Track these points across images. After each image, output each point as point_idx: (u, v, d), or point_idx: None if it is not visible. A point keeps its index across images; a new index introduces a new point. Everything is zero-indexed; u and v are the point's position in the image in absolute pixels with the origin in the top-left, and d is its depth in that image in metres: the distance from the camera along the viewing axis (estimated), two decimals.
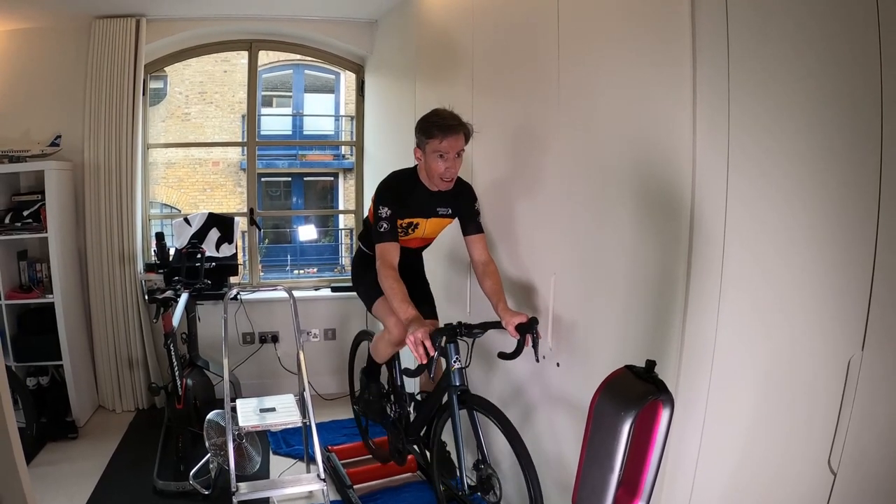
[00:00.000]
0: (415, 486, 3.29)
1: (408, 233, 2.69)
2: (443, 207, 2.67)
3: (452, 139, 2.44)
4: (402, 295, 2.43)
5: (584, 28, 2.32)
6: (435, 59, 3.54)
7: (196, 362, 3.96)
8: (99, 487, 3.25)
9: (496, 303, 2.51)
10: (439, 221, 2.72)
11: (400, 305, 2.41)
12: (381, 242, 2.52)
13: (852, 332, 1.98)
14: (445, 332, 2.43)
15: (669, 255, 1.96)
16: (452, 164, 2.49)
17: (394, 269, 2.48)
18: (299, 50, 4.90)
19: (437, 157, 2.47)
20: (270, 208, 11.22)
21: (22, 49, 4.09)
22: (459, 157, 2.50)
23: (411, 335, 2.27)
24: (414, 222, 2.67)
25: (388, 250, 2.51)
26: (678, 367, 1.94)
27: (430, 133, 2.46)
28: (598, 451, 1.51)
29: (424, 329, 2.28)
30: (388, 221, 2.51)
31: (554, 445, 2.58)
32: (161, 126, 9.59)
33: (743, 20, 1.83)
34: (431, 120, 2.48)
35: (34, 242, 4.02)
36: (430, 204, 2.65)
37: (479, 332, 2.50)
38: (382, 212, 2.52)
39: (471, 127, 2.49)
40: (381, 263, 2.49)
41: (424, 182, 2.61)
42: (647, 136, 2.04)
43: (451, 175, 2.51)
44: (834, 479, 2.01)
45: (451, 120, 2.46)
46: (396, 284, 2.44)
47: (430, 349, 2.26)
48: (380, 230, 2.51)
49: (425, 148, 2.50)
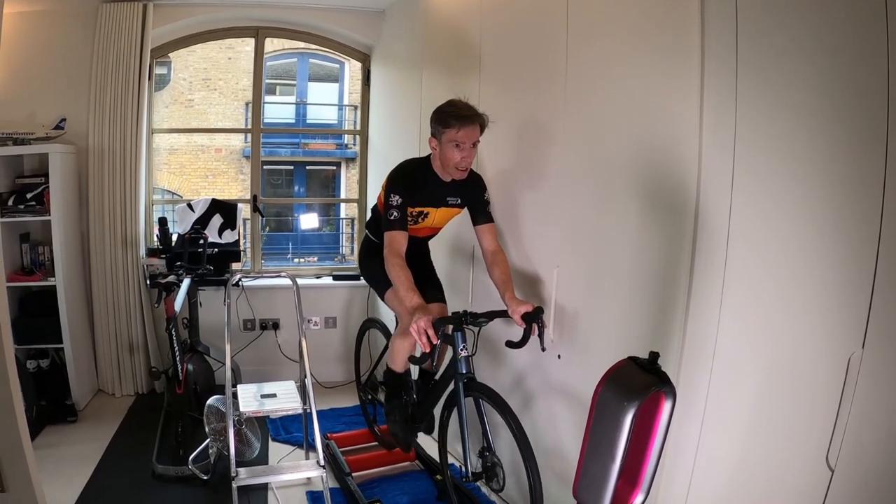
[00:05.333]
0: (413, 475, 3.30)
1: (417, 221, 2.70)
2: (452, 197, 2.68)
3: (469, 129, 2.46)
4: (408, 283, 2.44)
5: (592, 22, 2.31)
6: (442, 50, 3.53)
7: (197, 348, 3.97)
8: (97, 471, 3.25)
9: (503, 292, 2.52)
10: (448, 211, 2.74)
11: (406, 293, 2.42)
12: (390, 230, 2.52)
13: (853, 329, 1.99)
14: (451, 320, 2.45)
15: (673, 249, 1.96)
16: (468, 154, 2.50)
17: (401, 258, 2.49)
18: (306, 38, 4.88)
19: (452, 147, 2.48)
20: (272, 196, 11.21)
21: (28, 32, 4.07)
22: (474, 147, 2.52)
23: (415, 323, 2.29)
24: (424, 211, 2.68)
25: (397, 238, 2.52)
26: (679, 360, 1.94)
27: (447, 122, 2.47)
28: (599, 441, 1.52)
29: (428, 317, 2.30)
30: (399, 210, 2.52)
31: (553, 436, 2.59)
32: (164, 112, 9.56)
33: (752, 16, 1.83)
34: (448, 110, 2.49)
35: (37, 225, 4.01)
36: (441, 193, 2.66)
37: (485, 320, 2.52)
38: (393, 199, 2.53)
39: (486, 118, 2.51)
40: (388, 251, 2.50)
41: (437, 171, 2.62)
42: (653, 130, 2.04)
43: (466, 164, 2.53)
44: (832, 475, 2.03)
45: (468, 110, 2.47)
46: (403, 272, 2.46)
47: (432, 337, 2.28)
48: (389, 218, 2.52)
49: (441, 137, 2.51)
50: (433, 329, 2.29)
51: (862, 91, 1.94)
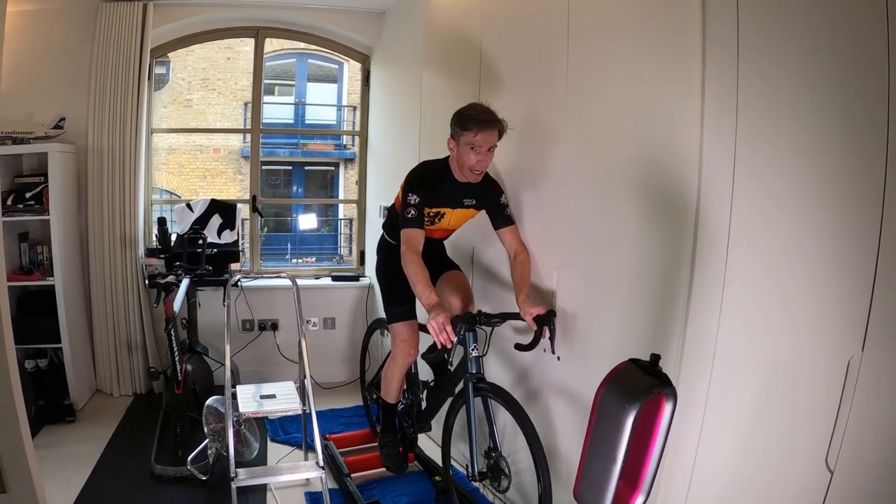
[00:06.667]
0: (412, 477, 3.29)
1: (434, 222, 2.73)
2: (468, 199, 2.71)
3: (487, 134, 2.49)
4: (425, 280, 2.47)
5: (593, 22, 2.32)
6: (442, 51, 3.53)
7: (195, 348, 3.97)
8: (96, 471, 3.25)
9: (517, 293, 2.55)
10: (464, 212, 2.76)
11: (423, 290, 2.44)
12: (407, 228, 2.55)
13: (853, 332, 2.00)
14: (465, 320, 2.49)
15: (673, 250, 1.97)
16: (484, 158, 2.54)
17: (418, 254, 2.52)
18: (306, 38, 4.88)
19: (469, 150, 2.52)
20: (270, 197, 11.21)
21: (27, 31, 4.06)
22: (491, 151, 2.56)
23: (433, 320, 2.31)
24: (441, 212, 2.71)
25: (414, 236, 2.54)
26: (679, 362, 1.95)
27: (465, 126, 2.50)
28: (600, 442, 1.52)
29: (446, 315, 2.32)
30: (416, 208, 2.55)
31: (552, 437, 2.59)
32: (163, 112, 9.55)
33: (753, 16, 1.83)
34: (468, 114, 2.53)
35: (35, 224, 4.00)
36: (458, 194, 2.69)
37: (499, 321, 2.55)
38: (411, 198, 2.56)
39: (505, 123, 2.54)
40: (405, 248, 2.53)
41: (454, 173, 2.65)
42: (654, 132, 2.04)
43: (481, 168, 2.57)
44: (831, 478, 2.03)
45: (487, 115, 2.51)
46: (420, 269, 2.48)
47: (450, 334, 2.30)
48: (407, 216, 2.55)
49: (459, 140, 2.55)
50: (451, 326, 2.32)
51: (863, 92, 1.94)
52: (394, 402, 3.09)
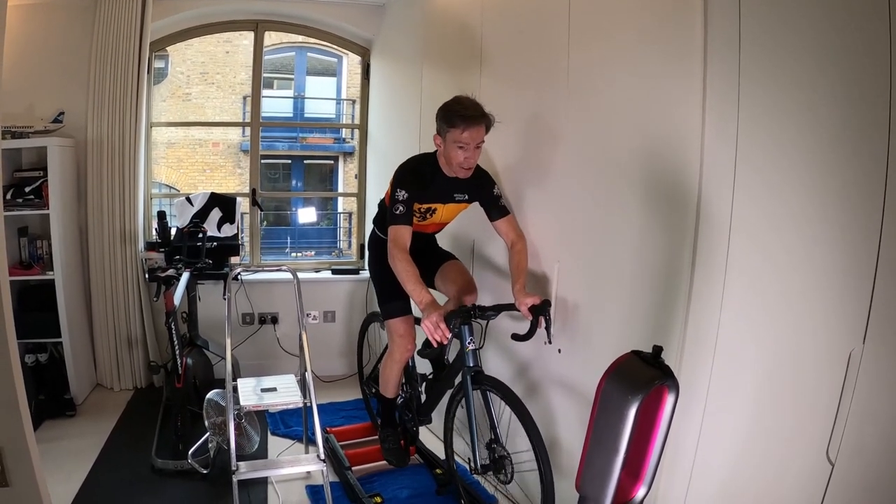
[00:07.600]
0: (413, 469, 3.30)
1: (425, 217, 2.70)
2: (459, 193, 2.68)
3: (474, 130, 2.43)
4: (415, 277, 2.43)
5: (594, 17, 2.31)
6: (443, 45, 3.52)
7: (196, 342, 3.97)
8: (96, 465, 3.25)
9: (513, 283, 2.53)
10: (456, 207, 2.74)
11: (414, 288, 2.41)
12: (395, 224, 2.51)
13: (854, 325, 1.99)
14: (459, 314, 2.46)
15: (675, 244, 1.97)
16: (472, 155, 2.48)
17: (405, 252, 2.48)
18: (306, 31, 4.87)
19: (456, 147, 2.47)
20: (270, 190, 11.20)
21: (26, 24, 4.05)
22: (479, 147, 2.50)
23: (427, 319, 2.30)
24: (432, 207, 2.68)
25: (401, 233, 2.50)
26: (680, 355, 1.95)
27: (452, 122, 2.44)
28: (603, 434, 1.53)
29: (440, 312, 2.31)
30: (405, 205, 2.51)
31: (553, 429, 2.60)
32: (162, 106, 9.55)
33: (755, 13, 1.83)
34: (454, 109, 2.46)
35: (35, 219, 3.99)
36: (448, 189, 2.65)
37: (493, 314, 2.53)
38: (400, 194, 2.51)
39: (492, 117, 2.48)
40: (392, 245, 2.49)
41: (443, 168, 2.61)
42: (655, 126, 2.04)
43: (469, 164, 2.52)
44: (832, 470, 2.03)
45: (474, 111, 2.44)
46: (410, 267, 2.45)
47: (445, 331, 2.29)
48: (395, 212, 2.51)
49: (446, 136, 2.49)
50: (446, 323, 2.30)
51: (864, 87, 1.94)
52: (392, 397, 3.09)
